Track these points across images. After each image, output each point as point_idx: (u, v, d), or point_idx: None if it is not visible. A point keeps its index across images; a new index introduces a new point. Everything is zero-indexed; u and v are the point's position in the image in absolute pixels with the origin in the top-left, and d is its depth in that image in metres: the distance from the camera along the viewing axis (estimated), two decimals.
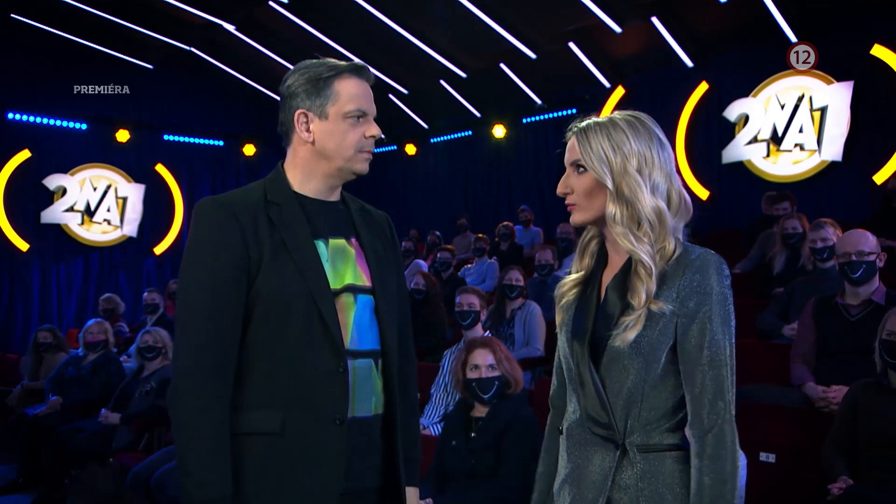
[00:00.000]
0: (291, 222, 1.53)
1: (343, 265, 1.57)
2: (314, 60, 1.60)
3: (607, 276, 1.48)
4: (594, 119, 1.44)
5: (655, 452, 1.39)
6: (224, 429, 1.43)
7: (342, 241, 1.60)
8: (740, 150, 7.49)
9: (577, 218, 1.45)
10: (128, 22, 8.78)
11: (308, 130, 1.56)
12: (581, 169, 1.42)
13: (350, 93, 1.56)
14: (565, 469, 1.49)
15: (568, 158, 1.45)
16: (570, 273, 1.55)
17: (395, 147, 11.04)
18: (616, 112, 1.45)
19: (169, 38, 9.29)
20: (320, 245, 1.55)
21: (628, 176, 1.37)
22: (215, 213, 1.50)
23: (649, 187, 1.38)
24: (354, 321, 1.56)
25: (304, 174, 1.59)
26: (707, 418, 1.34)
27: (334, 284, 1.54)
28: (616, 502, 1.39)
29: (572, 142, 1.44)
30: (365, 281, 1.59)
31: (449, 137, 10.64)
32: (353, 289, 1.57)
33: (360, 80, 1.59)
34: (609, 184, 1.38)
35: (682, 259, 1.38)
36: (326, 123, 1.55)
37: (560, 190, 1.45)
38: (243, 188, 1.61)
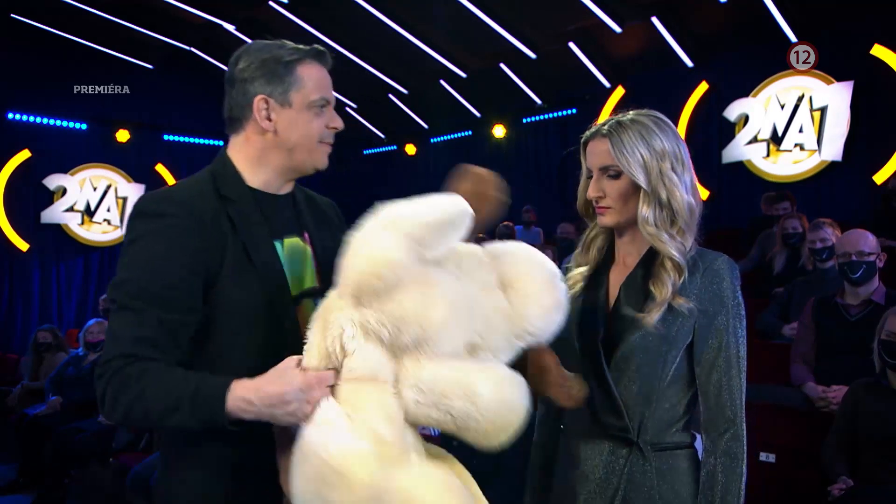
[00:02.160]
0: (251, 223, 1.40)
1: (301, 267, 1.48)
2: (268, 42, 1.46)
3: (616, 275, 1.47)
4: (618, 119, 1.41)
5: (668, 451, 1.40)
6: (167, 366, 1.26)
7: (296, 240, 1.49)
8: (740, 150, 7.49)
9: (608, 221, 1.43)
10: (128, 22, 8.77)
11: (269, 119, 1.42)
12: (614, 173, 1.40)
13: (315, 80, 1.44)
14: (566, 468, 1.48)
15: (596, 162, 1.42)
16: (570, 265, 1.56)
17: (395, 147, 11.03)
18: (632, 112, 1.43)
19: (169, 38, 9.29)
20: (277, 247, 1.44)
21: (664, 177, 1.38)
22: (173, 213, 1.33)
23: (683, 186, 1.40)
24: None
25: (256, 165, 1.45)
26: (725, 420, 1.38)
27: (295, 289, 1.44)
28: (631, 500, 1.39)
29: (603, 145, 1.40)
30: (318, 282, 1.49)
31: (449, 137, 10.64)
32: (311, 293, 1.47)
33: (322, 65, 1.47)
34: (646, 186, 1.37)
35: (698, 261, 1.39)
36: (290, 112, 1.42)
37: (592, 194, 1.42)
38: (186, 182, 1.44)
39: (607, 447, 1.41)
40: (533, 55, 8.41)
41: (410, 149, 10.84)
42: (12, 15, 8.71)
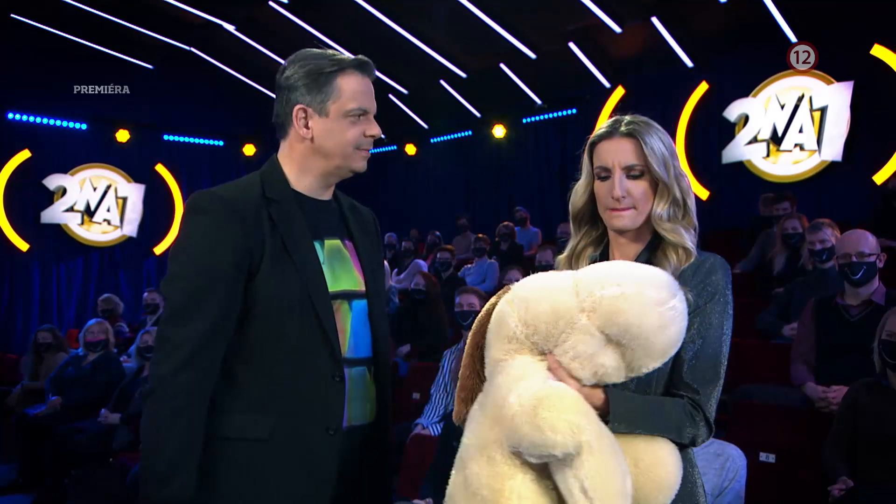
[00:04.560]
0: (291, 222, 1.48)
1: (340, 268, 1.54)
2: (315, 51, 1.54)
3: None
4: (632, 119, 1.43)
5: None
6: (198, 432, 1.37)
7: (338, 242, 1.56)
8: (740, 150, 7.49)
9: (629, 223, 1.42)
10: (128, 22, 8.78)
11: (307, 127, 1.50)
12: (638, 172, 1.40)
13: (352, 90, 1.50)
14: None
15: (621, 160, 1.40)
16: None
17: (395, 147, 11.03)
18: (629, 115, 1.44)
19: (169, 38, 9.29)
20: (317, 246, 1.51)
21: (680, 176, 1.42)
22: (217, 209, 1.43)
23: (689, 186, 1.44)
24: (351, 328, 1.52)
25: (300, 170, 1.54)
26: (690, 389, 1.34)
27: (331, 288, 1.50)
28: None
29: (627, 143, 1.40)
30: (360, 285, 1.56)
31: (449, 137, 10.64)
32: (348, 294, 1.53)
33: (363, 76, 1.53)
34: (669, 184, 1.40)
35: (694, 260, 1.41)
36: (326, 121, 1.50)
37: (618, 193, 1.40)
38: (238, 182, 1.54)
39: None
40: (533, 55, 8.41)
41: (410, 149, 10.84)
42: (12, 15, 8.72)
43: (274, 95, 1.57)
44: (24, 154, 9.17)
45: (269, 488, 1.42)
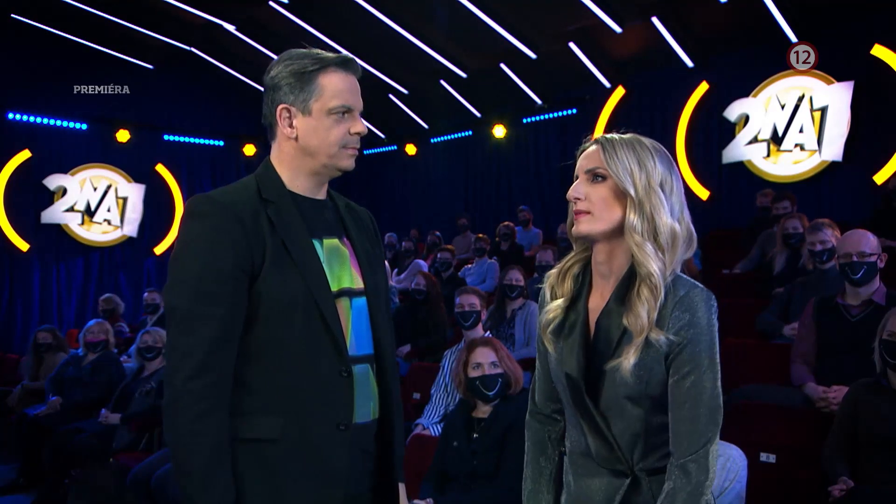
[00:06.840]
0: (290, 222, 1.48)
1: (339, 267, 1.54)
2: (300, 51, 1.55)
3: (594, 304, 1.44)
4: (618, 134, 1.43)
5: (663, 474, 1.38)
6: (224, 434, 1.38)
7: (336, 241, 1.56)
8: (740, 150, 7.49)
9: (584, 228, 1.38)
10: (128, 22, 8.78)
11: (291, 126, 1.51)
12: (599, 178, 1.38)
13: (335, 88, 1.51)
14: (573, 490, 1.48)
15: (584, 166, 1.41)
16: (544, 287, 1.52)
17: (395, 147, 11.03)
18: (630, 134, 1.44)
19: (169, 38, 9.29)
20: (316, 245, 1.51)
21: (651, 191, 1.36)
22: (216, 213, 1.43)
23: (668, 208, 1.37)
24: (352, 326, 1.53)
25: (292, 171, 1.54)
26: (688, 450, 1.32)
27: (332, 287, 1.50)
28: None
29: (593, 150, 1.41)
30: (359, 283, 1.57)
31: (449, 137, 10.64)
32: (348, 292, 1.54)
33: (347, 73, 1.53)
34: (632, 192, 1.35)
35: (674, 291, 1.35)
36: (309, 120, 1.50)
37: (571, 195, 1.39)
38: (235, 185, 1.54)
39: (606, 478, 1.41)
40: (533, 55, 8.40)
41: (410, 149, 10.83)
42: (12, 15, 8.72)
43: None
44: (25, 154, 9.17)
45: (283, 488, 1.42)
